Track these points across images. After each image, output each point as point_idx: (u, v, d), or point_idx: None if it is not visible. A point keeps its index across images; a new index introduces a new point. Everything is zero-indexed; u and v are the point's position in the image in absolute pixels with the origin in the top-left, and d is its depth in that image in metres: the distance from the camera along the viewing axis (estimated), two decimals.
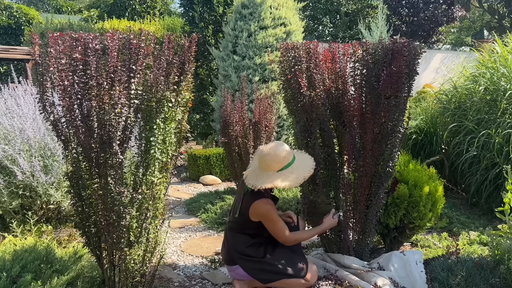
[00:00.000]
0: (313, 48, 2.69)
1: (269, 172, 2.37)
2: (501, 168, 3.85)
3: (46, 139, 3.53)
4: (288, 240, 2.44)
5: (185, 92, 2.35)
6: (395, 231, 3.09)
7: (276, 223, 2.41)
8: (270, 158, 2.36)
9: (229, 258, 2.50)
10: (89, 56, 2.03)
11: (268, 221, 2.40)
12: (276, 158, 2.36)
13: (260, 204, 2.37)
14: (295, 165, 2.40)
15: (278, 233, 2.42)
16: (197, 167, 5.94)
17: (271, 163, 2.36)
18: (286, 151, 2.39)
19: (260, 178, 2.36)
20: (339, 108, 2.72)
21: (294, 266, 2.42)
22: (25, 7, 13.89)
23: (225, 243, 2.56)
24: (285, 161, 2.37)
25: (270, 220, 2.39)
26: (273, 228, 2.41)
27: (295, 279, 2.39)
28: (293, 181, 2.34)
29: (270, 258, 2.42)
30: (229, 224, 2.56)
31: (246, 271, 2.44)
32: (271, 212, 2.37)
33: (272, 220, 2.39)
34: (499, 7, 12.85)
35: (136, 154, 2.25)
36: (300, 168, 2.40)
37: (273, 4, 6.73)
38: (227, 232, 2.55)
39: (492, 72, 4.46)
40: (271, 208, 2.37)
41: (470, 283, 2.41)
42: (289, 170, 2.37)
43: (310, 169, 2.42)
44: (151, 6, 13.81)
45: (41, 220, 3.53)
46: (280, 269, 2.40)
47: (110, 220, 2.13)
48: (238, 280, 2.52)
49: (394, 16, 14.83)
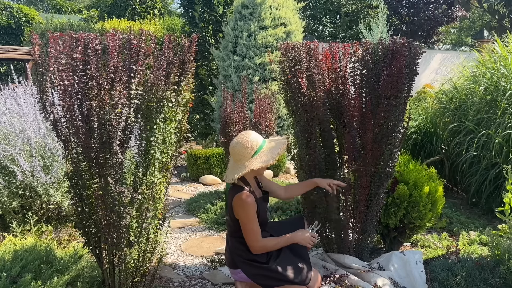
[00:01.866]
0: (313, 48, 2.69)
1: (243, 162, 2.32)
2: (501, 168, 3.85)
3: (46, 139, 3.53)
4: (255, 246, 2.31)
5: (185, 92, 2.35)
6: (395, 231, 3.09)
7: (249, 221, 2.28)
8: (239, 147, 2.32)
9: (231, 261, 2.47)
10: (89, 56, 2.03)
11: (242, 216, 2.29)
12: (245, 145, 2.31)
13: (238, 198, 2.29)
14: (266, 147, 2.36)
15: (248, 233, 2.30)
16: (197, 167, 5.94)
17: (242, 152, 2.31)
18: (252, 137, 2.35)
19: (235, 171, 2.32)
20: (339, 108, 2.72)
21: (298, 273, 2.35)
22: (25, 7, 13.89)
23: (227, 246, 2.53)
24: (255, 146, 2.32)
25: (245, 215, 2.28)
26: (244, 226, 2.30)
27: (298, 286, 2.33)
28: (266, 158, 2.29)
29: (274, 263, 2.34)
30: (228, 230, 2.53)
31: (248, 276, 2.39)
32: (247, 206, 2.26)
33: (246, 215, 2.28)
34: (499, 7, 12.85)
35: (136, 154, 2.25)
36: (272, 148, 2.35)
37: (273, 4, 6.73)
38: (227, 236, 2.52)
39: (492, 72, 4.46)
40: (249, 201, 2.27)
41: (470, 283, 2.41)
42: (261, 153, 2.32)
43: (283, 145, 2.37)
44: (151, 6, 13.81)
45: (41, 220, 3.53)
46: (283, 275, 2.32)
47: (110, 220, 2.13)
48: (241, 282, 2.50)
49: (394, 16, 14.83)
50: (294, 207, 4.12)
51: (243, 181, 2.35)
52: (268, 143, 2.40)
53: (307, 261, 2.46)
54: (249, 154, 2.32)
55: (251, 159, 2.31)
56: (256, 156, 2.32)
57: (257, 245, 2.31)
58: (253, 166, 2.26)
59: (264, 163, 2.28)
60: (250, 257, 2.37)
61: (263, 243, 2.33)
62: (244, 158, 2.32)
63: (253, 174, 2.40)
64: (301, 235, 2.40)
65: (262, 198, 2.50)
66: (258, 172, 2.40)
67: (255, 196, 2.36)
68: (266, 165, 2.30)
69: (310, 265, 2.44)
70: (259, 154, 2.33)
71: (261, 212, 2.39)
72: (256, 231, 2.30)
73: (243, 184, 2.35)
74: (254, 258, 2.37)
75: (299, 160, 2.84)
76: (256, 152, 2.32)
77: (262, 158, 2.31)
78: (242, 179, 2.35)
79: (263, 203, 2.48)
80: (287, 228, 2.50)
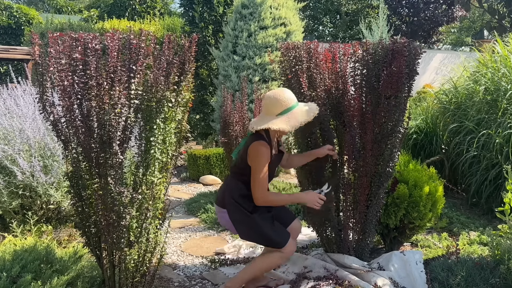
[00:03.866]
0: (314, 48, 2.70)
1: (269, 116, 2.35)
2: (501, 168, 3.84)
3: (46, 139, 3.53)
4: (259, 197, 2.32)
5: (185, 92, 2.35)
6: (395, 231, 3.09)
7: (259, 169, 2.30)
8: (270, 101, 2.36)
9: (221, 200, 2.48)
10: (89, 56, 2.03)
11: (254, 163, 2.32)
12: (276, 102, 2.34)
13: (256, 144, 2.32)
14: (295, 111, 2.35)
15: (256, 182, 2.31)
16: (197, 167, 5.94)
17: (270, 106, 2.36)
18: (286, 95, 2.36)
19: (259, 121, 2.37)
20: (339, 108, 2.72)
21: (278, 235, 2.38)
22: (25, 7, 13.89)
23: (223, 184, 2.56)
24: (284, 105, 2.34)
25: (257, 163, 2.31)
26: (254, 173, 2.32)
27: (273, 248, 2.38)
28: (288, 124, 2.29)
29: (259, 217, 2.38)
30: (231, 169, 2.55)
31: (231, 219, 2.42)
32: (262, 155, 2.30)
33: (258, 163, 2.30)
34: (499, 7, 12.85)
35: (136, 154, 2.24)
36: (300, 114, 2.35)
37: (273, 4, 6.73)
38: (228, 177, 2.55)
39: (493, 72, 4.46)
40: (265, 151, 2.30)
41: (470, 283, 2.41)
42: (288, 115, 2.33)
43: (310, 115, 2.36)
44: (151, 6, 13.81)
45: (41, 220, 3.53)
46: (263, 230, 2.35)
47: (110, 220, 2.13)
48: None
49: (394, 16, 14.84)
50: (294, 207, 4.12)
51: (265, 133, 2.38)
52: (299, 108, 2.38)
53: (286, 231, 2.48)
54: (276, 111, 2.34)
55: (276, 116, 2.34)
56: (282, 116, 2.33)
57: (261, 195, 2.33)
58: (273, 126, 2.28)
59: (282, 128, 2.28)
60: (240, 200, 2.39)
61: (267, 194, 2.36)
62: (271, 113, 2.36)
63: (277, 131, 2.41)
64: (309, 196, 2.43)
65: (277, 156, 2.52)
66: (281, 132, 2.39)
67: (272, 150, 2.38)
68: (284, 130, 2.30)
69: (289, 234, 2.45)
70: (286, 115, 2.33)
71: (271, 168, 2.41)
72: (264, 182, 2.32)
73: (265, 135, 2.37)
74: (243, 202, 2.39)
75: None
76: (283, 112, 2.34)
77: (285, 119, 2.31)
78: (265, 131, 2.38)
79: (276, 161, 2.50)
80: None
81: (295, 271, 2.79)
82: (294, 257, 2.94)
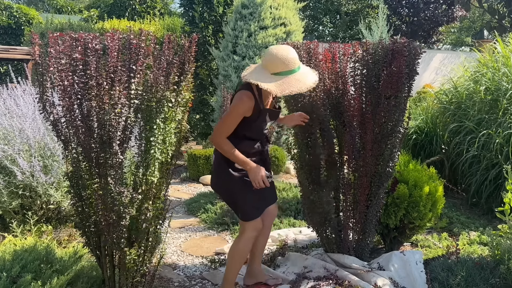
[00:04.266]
0: (314, 48, 2.70)
1: (265, 70, 2.21)
2: (501, 168, 3.84)
3: (45, 139, 3.53)
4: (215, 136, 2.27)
5: (185, 92, 2.35)
6: (395, 231, 3.09)
7: (230, 115, 2.25)
8: (271, 57, 2.19)
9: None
10: (89, 56, 2.03)
11: (230, 107, 2.27)
12: (276, 60, 2.17)
13: (241, 93, 2.25)
14: (293, 77, 2.17)
15: (220, 124, 2.27)
16: (197, 167, 5.94)
17: (269, 62, 2.19)
18: (290, 57, 2.18)
19: (253, 73, 2.24)
20: (339, 108, 2.72)
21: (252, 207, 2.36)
22: (25, 7, 13.90)
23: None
24: (283, 67, 2.16)
25: (232, 108, 2.25)
26: (224, 116, 2.29)
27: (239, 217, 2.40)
28: (278, 88, 2.13)
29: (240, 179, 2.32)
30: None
31: (214, 165, 2.42)
32: (241, 103, 2.22)
33: (233, 108, 2.24)
34: (499, 7, 12.85)
35: (136, 154, 2.24)
36: (295, 82, 2.17)
37: (273, 4, 6.73)
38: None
39: (493, 72, 4.46)
40: (246, 102, 2.22)
41: (470, 283, 2.41)
42: (284, 79, 2.16)
43: (303, 88, 2.18)
44: (151, 6, 13.81)
45: (41, 220, 3.53)
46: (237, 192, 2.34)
47: (110, 220, 2.13)
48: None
49: (394, 16, 14.84)
50: (294, 207, 4.12)
51: (256, 88, 2.27)
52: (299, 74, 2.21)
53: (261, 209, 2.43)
54: (271, 70, 2.19)
55: (270, 74, 2.18)
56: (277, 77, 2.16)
57: (218, 138, 2.26)
58: (261, 84, 2.14)
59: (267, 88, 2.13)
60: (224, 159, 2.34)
61: (224, 141, 2.26)
62: (267, 68, 2.20)
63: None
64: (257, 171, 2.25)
65: (269, 112, 2.38)
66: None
67: (259, 104, 2.28)
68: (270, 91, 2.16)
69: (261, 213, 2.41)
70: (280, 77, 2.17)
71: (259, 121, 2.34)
72: (227, 127, 2.26)
73: (254, 89, 2.27)
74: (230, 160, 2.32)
75: (299, 160, 2.83)
76: (279, 74, 2.17)
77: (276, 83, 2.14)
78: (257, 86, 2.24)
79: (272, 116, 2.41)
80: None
81: (295, 271, 2.79)
82: (294, 257, 2.94)
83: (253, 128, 2.35)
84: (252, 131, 2.36)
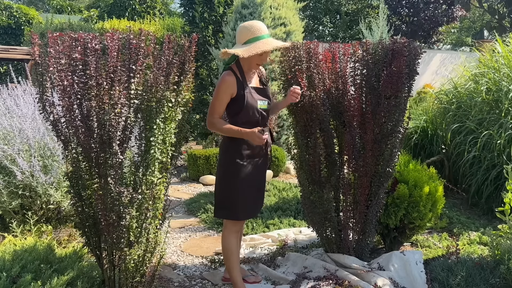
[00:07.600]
0: (313, 48, 2.69)
1: (237, 44, 2.42)
2: (501, 169, 3.84)
3: (45, 139, 3.53)
4: (208, 120, 2.42)
5: (185, 92, 2.34)
6: (395, 231, 3.09)
7: (215, 98, 2.39)
8: (239, 29, 2.42)
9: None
10: (89, 56, 2.03)
11: (215, 90, 2.40)
12: (244, 29, 2.39)
13: (222, 75, 2.39)
14: (262, 41, 2.36)
15: (210, 107, 2.41)
16: (197, 167, 5.94)
17: (239, 34, 2.41)
18: (256, 26, 2.39)
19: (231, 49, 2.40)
20: (339, 108, 2.72)
21: (244, 204, 2.46)
22: (25, 7, 13.90)
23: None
24: (250, 34, 2.36)
25: (216, 90, 2.38)
26: (212, 100, 2.42)
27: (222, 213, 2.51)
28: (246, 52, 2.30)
29: (240, 173, 2.45)
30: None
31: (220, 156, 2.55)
32: (223, 82, 2.36)
33: (217, 90, 2.38)
34: (499, 7, 12.85)
35: (136, 154, 2.24)
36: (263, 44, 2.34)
37: (273, 4, 6.73)
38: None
39: (494, 72, 4.46)
40: (228, 80, 2.35)
41: (470, 283, 2.41)
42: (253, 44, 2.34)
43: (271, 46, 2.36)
44: (151, 6, 13.81)
45: (41, 220, 3.53)
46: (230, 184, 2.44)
47: (110, 220, 2.13)
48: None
49: (394, 16, 14.85)
50: (294, 207, 4.12)
51: (237, 66, 2.42)
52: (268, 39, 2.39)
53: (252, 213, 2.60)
54: (242, 39, 2.39)
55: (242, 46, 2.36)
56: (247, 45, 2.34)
57: (209, 117, 2.42)
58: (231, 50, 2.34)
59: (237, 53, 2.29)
60: (227, 144, 2.47)
61: (217, 120, 2.40)
62: (239, 41, 2.40)
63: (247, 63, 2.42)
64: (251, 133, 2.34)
65: (257, 89, 2.49)
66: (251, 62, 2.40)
67: (243, 82, 2.40)
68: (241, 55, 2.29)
69: (248, 217, 2.66)
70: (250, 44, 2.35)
71: (250, 100, 2.40)
72: (216, 108, 2.40)
73: (235, 68, 2.41)
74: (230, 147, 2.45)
75: (299, 160, 2.83)
76: (249, 41, 2.36)
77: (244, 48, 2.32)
78: (237, 64, 2.41)
79: (261, 94, 2.49)
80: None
81: (295, 271, 2.79)
82: (294, 257, 2.94)
83: (248, 110, 2.40)
84: (248, 114, 2.40)
